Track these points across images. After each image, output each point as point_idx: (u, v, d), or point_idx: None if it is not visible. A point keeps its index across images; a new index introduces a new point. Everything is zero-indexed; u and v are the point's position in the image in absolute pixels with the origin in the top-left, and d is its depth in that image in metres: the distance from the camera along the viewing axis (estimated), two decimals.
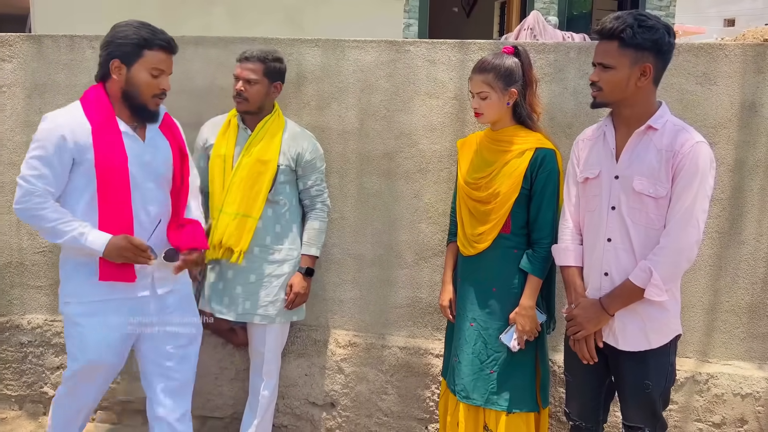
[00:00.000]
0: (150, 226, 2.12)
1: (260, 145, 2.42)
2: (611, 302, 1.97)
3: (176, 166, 2.19)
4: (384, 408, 2.79)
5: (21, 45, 2.86)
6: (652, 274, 1.88)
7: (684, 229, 1.87)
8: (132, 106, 2.07)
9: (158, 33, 2.07)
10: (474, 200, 2.27)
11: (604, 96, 1.95)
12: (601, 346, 2.03)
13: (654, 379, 1.97)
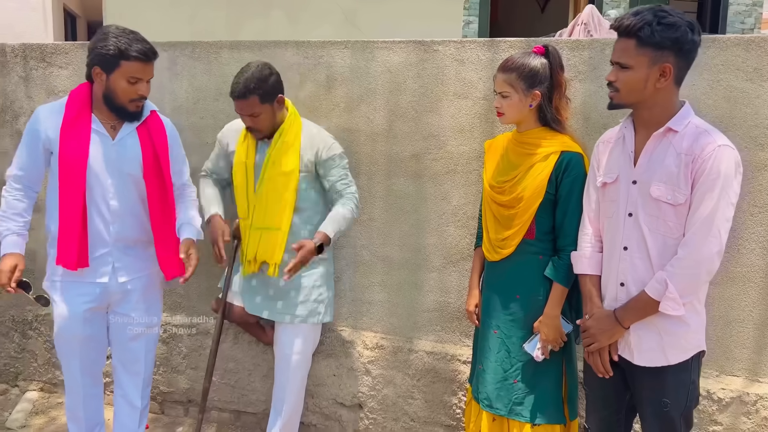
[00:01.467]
0: (111, 218, 2.25)
1: (281, 156, 2.43)
2: (626, 314, 1.86)
3: (147, 167, 2.28)
4: (411, 412, 2.76)
5: (75, 52, 3.03)
6: (668, 286, 1.75)
7: (704, 239, 1.73)
8: (112, 107, 2.22)
9: (135, 43, 2.18)
10: (498, 204, 2.20)
11: (620, 97, 1.84)
12: (616, 360, 1.92)
13: (672, 397, 1.84)
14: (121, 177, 2.25)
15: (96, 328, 2.36)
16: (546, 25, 9.30)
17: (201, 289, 3.02)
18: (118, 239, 2.28)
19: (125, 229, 2.28)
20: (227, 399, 3.01)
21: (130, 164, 2.26)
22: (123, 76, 2.16)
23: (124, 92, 2.19)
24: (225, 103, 2.84)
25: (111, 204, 2.25)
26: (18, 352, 3.27)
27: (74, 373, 2.39)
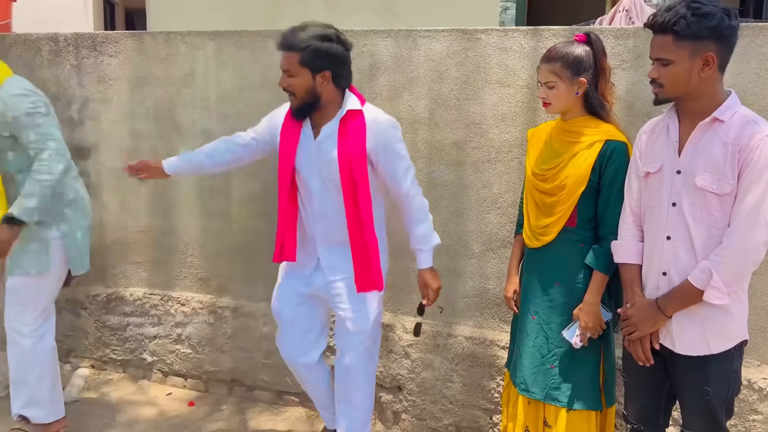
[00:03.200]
0: (309, 218, 2.37)
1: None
2: (668, 303, 1.87)
3: (343, 169, 2.23)
4: (449, 395, 2.81)
5: (125, 41, 3.12)
6: (713, 275, 1.76)
7: (750, 229, 1.73)
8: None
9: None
10: (540, 192, 2.23)
11: (666, 92, 1.84)
12: (657, 348, 1.94)
13: (714, 386, 1.86)
14: (321, 178, 2.29)
15: (302, 313, 2.48)
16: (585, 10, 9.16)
17: (246, 273, 3.11)
18: (325, 239, 2.35)
19: (331, 230, 2.33)
20: (269, 379, 3.11)
21: (327, 167, 2.26)
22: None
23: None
24: (270, 91, 2.91)
25: (314, 203, 2.32)
26: (71, 330, 3.41)
27: (288, 353, 2.57)
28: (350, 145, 2.23)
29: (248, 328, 3.10)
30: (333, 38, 2.21)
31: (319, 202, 2.31)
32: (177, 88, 3.07)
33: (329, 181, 2.28)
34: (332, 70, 2.21)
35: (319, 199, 2.31)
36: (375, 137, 2.24)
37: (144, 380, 3.36)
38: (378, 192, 2.36)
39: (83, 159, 3.26)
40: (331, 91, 2.25)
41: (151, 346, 3.31)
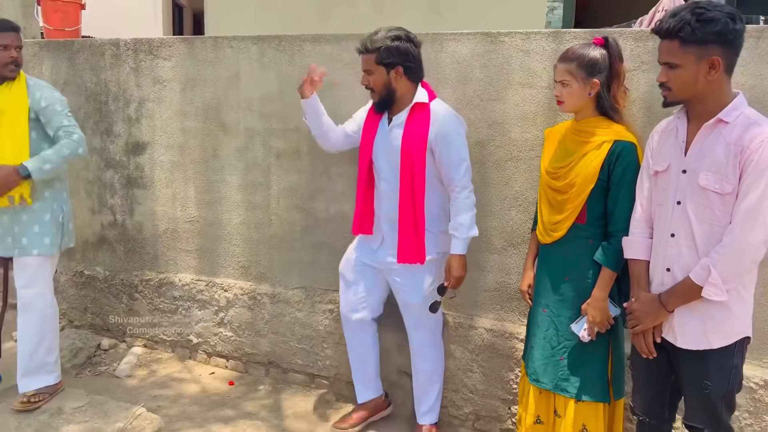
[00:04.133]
0: (379, 198, 2.71)
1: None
2: (670, 298, 1.94)
3: (404, 153, 2.56)
4: (469, 385, 2.93)
5: (177, 46, 3.38)
6: (711, 272, 1.82)
7: (749, 228, 1.78)
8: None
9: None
10: (552, 189, 2.32)
11: (674, 95, 1.90)
12: (659, 341, 2.00)
13: (714, 380, 1.91)
14: (389, 162, 2.62)
15: (363, 277, 2.82)
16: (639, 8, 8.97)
17: (283, 261, 3.31)
18: (387, 216, 2.67)
19: (391, 209, 2.63)
20: (303, 362, 3.31)
21: (394, 152, 2.59)
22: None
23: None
24: None
25: (382, 185, 2.66)
26: (125, 312, 3.71)
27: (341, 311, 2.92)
28: (414, 133, 2.55)
29: (284, 314, 3.30)
30: (402, 38, 2.54)
31: (386, 184, 2.65)
32: (223, 89, 3.31)
33: (395, 165, 2.60)
34: (403, 65, 2.54)
35: (386, 182, 2.64)
36: (437, 128, 2.53)
37: (190, 360, 3.63)
38: (439, 181, 2.63)
39: (139, 154, 3.55)
40: (405, 85, 2.58)
41: (197, 328, 3.56)
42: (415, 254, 2.60)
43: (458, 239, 2.55)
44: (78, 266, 3.83)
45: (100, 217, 3.71)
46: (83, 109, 3.62)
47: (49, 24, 3.76)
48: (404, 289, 2.71)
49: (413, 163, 2.55)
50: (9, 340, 3.70)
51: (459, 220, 2.55)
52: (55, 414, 2.90)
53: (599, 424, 2.29)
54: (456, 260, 2.57)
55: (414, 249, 2.60)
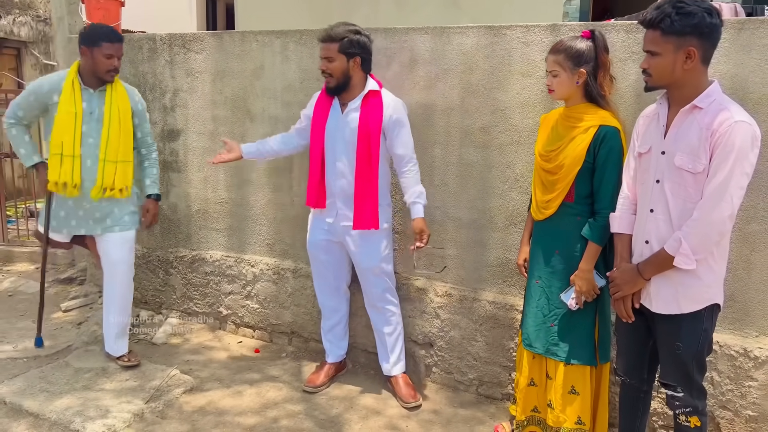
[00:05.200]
0: (333, 176, 2.99)
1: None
2: (646, 268, 2.14)
3: (361, 135, 2.87)
4: (473, 353, 3.16)
5: (208, 40, 3.66)
6: (682, 243, 2.01)
7: (716, 204, 1.97)
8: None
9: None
10: (545, 171, 2.53)
11: (654, 81, 2.09)
12: (638, 307, 2.21)
13: (685, 341, 2.11)
14: (345, 143, 2.93)
15: (332, 256, 3.16)
16: None
17: (304, 239, 3.56)
18: (342, 193, 2.98)
19: (346, 184, 2.96)
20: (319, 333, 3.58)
21: (351, 134, 2.91)
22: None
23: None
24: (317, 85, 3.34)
25: (337, 165, 2.97)
26: (162, 286, 4.04)
27: (318, 289, 3.29)
28: (370, 116, 2.87)
29: (305, 288, 3.58)
30: (361, 32, 2.89)
31: (341, 164, 2.95)
32: (250, 80, 3.58)
33: (350, 145, 2.90)
34: (361, 57, 2.87)
35: (341, 161, 2.94)
36: (390, 112, 2.88)
37: (220, 330, 3.94)
38: (385, 159, 2.98)
39: (173, 140, 3.85)
40: (359, 75, 2.91)
41: (227, 301, 3.86)
42: (371, 221, 2.94)
43: (420, 204, 2.92)
44: None
45: None
46: None
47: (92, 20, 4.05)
48: (362, 254, 3.04)
49: (370, 143, 2.88)
50: (57, 311, 4.08)
51: (418, 189, 2.93)
52: (100, 373, 3.24)
53: (586, 385, 2.50)
54: (423, 222, 2.91)
55: (370, 217, 2.94)
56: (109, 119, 3.11)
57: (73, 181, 3.06)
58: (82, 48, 3.04)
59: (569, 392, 2.51)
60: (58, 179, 3.06)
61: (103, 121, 3.10)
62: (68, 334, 3.78)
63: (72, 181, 3.06)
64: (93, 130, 3.09)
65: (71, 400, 2.95)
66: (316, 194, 3.05)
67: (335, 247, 3.13)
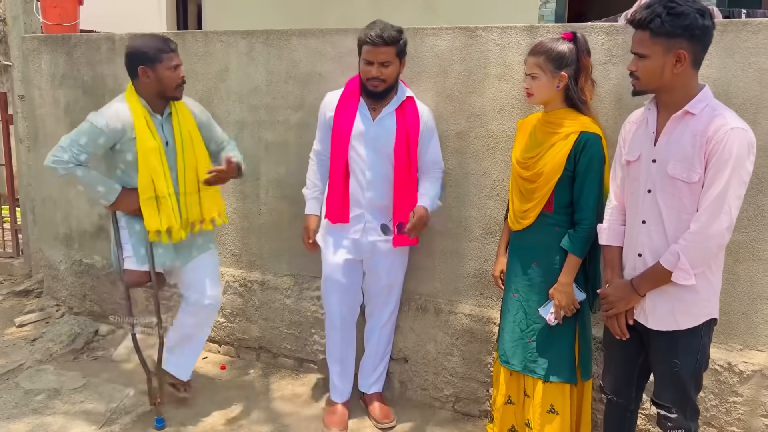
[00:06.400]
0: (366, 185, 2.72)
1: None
2: (641, 283, 2.03)
3: (399, 144, 2.67)
4: (449, 368, 3.03)
5: None
6: (680, 258, 1.91)
7: (714, 216, 1.87)
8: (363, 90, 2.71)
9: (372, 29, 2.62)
10: (522, 179, 2.41)
11: (641, 84, 1.98)
12: (632, 323, 2.10)
13: (683, 358, 2.00)
14: (376, 151, 2.69)
15: (352, 278, 2.88)
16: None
17: (272, 250, 3.42)
18: (371, 205, 2.74)
19: (376, 196, 2.73)
20: (292, 347, 3.42)
21: (385, 141, 2.68)
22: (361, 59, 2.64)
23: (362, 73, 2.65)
24: (294, 85, 3.20)
25: (366, 174, 2.71)
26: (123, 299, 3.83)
27: (334, 314, 2.93)
28: (409, 124, 2.69)
29: (274, 301, 3.41)
30: (403, 32, 2.66)
31: (371, 172, 2.71)
32: (214, 82, 3.41)
33: (383, 154, 2.69)
34: (405, 61, 2.69)
35: (372, 170, 2.70)
36: (425, 120, 2.74)
37: None
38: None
39: None
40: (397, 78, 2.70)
41: None
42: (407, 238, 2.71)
43: (430, 198, 2.73)
44: (77, 255, 3.95)
45: (98, 207, 3.81)
46: (80, 103, 3.73)
47: (48, 19, 3.86)
48: (388, 270, 2.85)
49: (410, 151, 2.69)
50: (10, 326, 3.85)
51: (436, 189, 2.79)
52: (52, 395, 3.04)
53: (566, 404, 2.39)
54: (426, 211, 2.66)
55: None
56: (182, 147, 2.75)
57: (177, 223, 2.71)
58: (141, 69, 2.64)
59: (548, 411, 2.38)
60: (160, 226, 2.67)
61: (176, 150, 2.74)
62: (21, 351, 3.56)
63: (176, 223, 2.71)
64: (171, 163, 2.74)
65: (19, 426, 2.75)
66: (339, 207, 2.74)
67: (356, 266, 2.86)
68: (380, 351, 3.01)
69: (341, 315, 2.91)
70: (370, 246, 2.79)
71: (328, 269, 2.87)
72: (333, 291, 2.89)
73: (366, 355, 3.04)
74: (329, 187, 2.78)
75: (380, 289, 2.90)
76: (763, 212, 2.43)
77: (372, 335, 3.00)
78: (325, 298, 2.95)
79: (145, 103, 2.69)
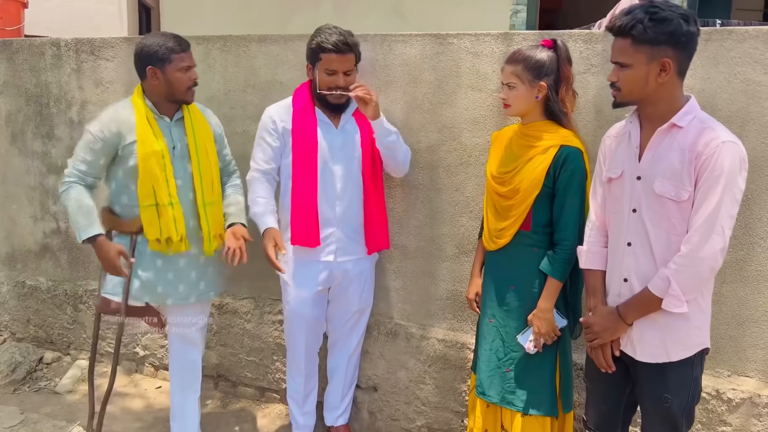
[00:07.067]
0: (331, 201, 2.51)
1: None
2: (628, 311, 1.87)
3: (365, 148, 2.52)
4: (422, 397, 2.84)
5: (120, 46, 3.24)
6: (671, 283, 1.75)
7: (707, 237, 1.72)
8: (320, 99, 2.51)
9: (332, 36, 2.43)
10: (498, 195, 2.24)
11: (623, 96, 1.83)
12: (618, 355, 1.93)
13: (674, 393, 1.85)
14: (346, 160, 2.50)
15: (320, 309, 2.65)
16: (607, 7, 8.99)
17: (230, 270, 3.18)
18: (342, 220, 2.52)
19: (349, 209, 2.53)
20: (252, 375, 3.19)
21: (353, 148, 2.51)
22: (321, 68, 2.42)
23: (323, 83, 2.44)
24: (253, 94, 2.99)
25: (337, 186, 2.50)
26: (70, 323, 3.56)
27: (299, 353, 2.68)
28: (369, 127, 2.50)
29: (232, 325, 3.18)
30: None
31: (342, 183, 2.51)
32: None
33: (351, 161, 2.51)
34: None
35: (342, 180, 2.51)
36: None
37: (136, 373, 3.48)
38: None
39: None
40: None
41: (144, 340, 3.42)
42: (383, 239, 2.63)
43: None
44: (20, 276, 3.66)
45: (43, 224, 3.55)
46: (23, 112, 3.46)
47: None
48: (360, 294, 2.65)
49: (373, 154, 2.54)
50: None
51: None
52: None
53: None
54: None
55: (382, 235, 2.62)
56: (197, 153, 2.50)
57: (178, 234, 2.45)
58: (149, 70, 2.41)
59: None
60: (159, 235, 2.42)
61: (190, 156, 2.50)
62: None
63: (177, 233, 2.44)
64: (179, 170, 2.48)
65: None
66: (308, 229, 2.47)
67: (324, 296, 2.64)
68: (347, 381, 2.80)
69: (306, 351, 2.67)
70: (342, 270, 2.57)
71: (294, 305, 2.60)
72: (299, 329, 2.64)
73: (332, 388, 2.82)
74: (292, 208, 2.51)
75: (350, 315, 2.68)
76: (750, 231, 2.30)
77: (338, 366, 2.77)
78: (291, 336, 2.69)
79: (152, 105, 2.47)
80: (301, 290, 2.57)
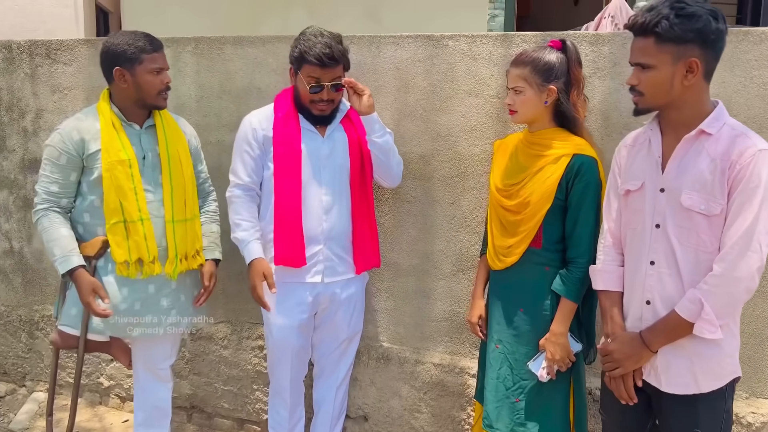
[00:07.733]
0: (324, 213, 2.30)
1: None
2: (654, 337, 1.69)
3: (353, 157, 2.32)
4: (417, 427, 2.63)
5: (80, 49, 2.97)
6: (704, 306, 1.58)
7: (742, 255, 1.56)
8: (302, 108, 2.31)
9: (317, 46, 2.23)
10: (504, 209, 2.06)
11: (646, 101, 1.67)
12: (640, 385, 1.76)
13: (705, 427, 1.68)
14: (333, 170, 2.29)
15: (306, 338, 2.42)
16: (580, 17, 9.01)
17: None
18: (330, 236, 2.30)
19: (336, 223, 2.30)
20: (230, 406, 2.93)
21: (340, 157, 2.30)
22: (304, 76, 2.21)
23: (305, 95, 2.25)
24: (229, 101, 2.76)
25: (324, 199, 2.27)
26: (25, 352, 3.25)
27: (283, 385, 2.44)
28: (359, 135, 2.33)
29: (207, 352, 2.92)
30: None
31: (329, 196, 2.30)
32: None
33: (338, 172, 2.31)
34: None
35: (330, 193, 2.30)
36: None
37: (101, 405, 3.19)
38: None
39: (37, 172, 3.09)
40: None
41: (108, 369, 3.13)
42: (374, 257, 2.42)
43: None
44: None
45: None
46: None
47: None
48: (349, 319, 2.43)
49: (363, 163, 2.33)
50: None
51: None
52: None
53: None
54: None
55: (373, 252, 2.42)
56: (169, 164, 2.24)
57: (150, 254, 2.18)
58: (116, 71, 2.15)
59: None
60: (128, 257, 2.15)
61: (161, 167, 2.24)
62: None
63: (149, 253, 2.17)
64: (150, 182, 2.22)
65: None
66: (292, 247, 2.25)
67: (310, 323, 2.40)
68: (335, 414, 2.56)
69: (291, 381, 2.44)
70: (329, 295, 2.35)
71: (279, 335, 2.36)
72: (284, 359, 2.40)
73: (319, 421, 2.57)
74: (275, 224, 2.28)
75: (338, 344, 2.46)
76: None
77: (326, 398, 2.54)
78: (274, 367, 2.46)
79: (119, 112, 2.22)
80: (285, 318, 2.33)
